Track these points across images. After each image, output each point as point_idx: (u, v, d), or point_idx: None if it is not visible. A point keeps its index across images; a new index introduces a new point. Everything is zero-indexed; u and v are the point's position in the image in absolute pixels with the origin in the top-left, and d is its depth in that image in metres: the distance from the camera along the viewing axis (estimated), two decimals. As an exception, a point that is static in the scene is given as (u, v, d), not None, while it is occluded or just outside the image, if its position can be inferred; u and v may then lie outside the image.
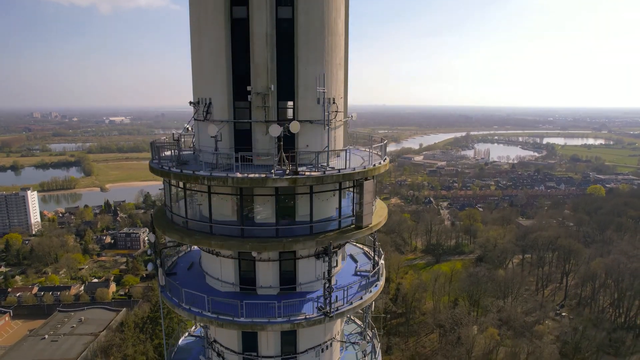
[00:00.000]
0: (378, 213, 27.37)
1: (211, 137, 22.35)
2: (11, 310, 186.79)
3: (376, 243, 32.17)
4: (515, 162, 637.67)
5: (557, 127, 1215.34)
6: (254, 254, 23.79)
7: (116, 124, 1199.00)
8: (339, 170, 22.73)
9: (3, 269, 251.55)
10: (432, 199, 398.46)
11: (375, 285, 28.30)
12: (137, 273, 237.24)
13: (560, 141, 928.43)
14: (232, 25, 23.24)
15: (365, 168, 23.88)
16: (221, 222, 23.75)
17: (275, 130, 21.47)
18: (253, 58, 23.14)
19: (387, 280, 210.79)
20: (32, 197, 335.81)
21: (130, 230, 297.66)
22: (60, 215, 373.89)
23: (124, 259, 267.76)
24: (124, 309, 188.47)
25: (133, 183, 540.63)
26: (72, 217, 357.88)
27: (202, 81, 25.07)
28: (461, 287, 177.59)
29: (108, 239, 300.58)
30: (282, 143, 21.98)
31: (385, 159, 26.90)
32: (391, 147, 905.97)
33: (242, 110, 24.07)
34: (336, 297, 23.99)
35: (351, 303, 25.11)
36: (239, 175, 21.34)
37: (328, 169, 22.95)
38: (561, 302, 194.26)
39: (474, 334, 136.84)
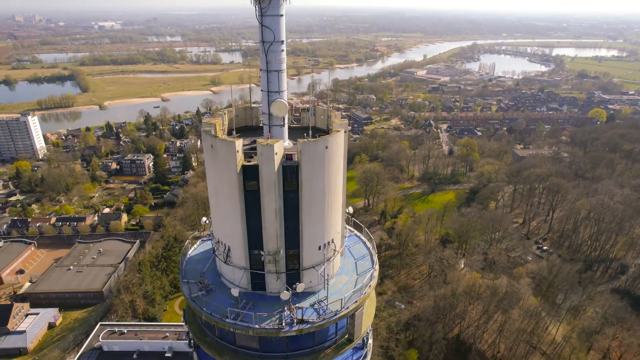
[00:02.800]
0: (367, 312, 33.52)
1: (234, 295, 27.77)
2: (35, 241, 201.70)
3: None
4: (520, 77, 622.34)
5: (570, 35, 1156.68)
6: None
7: (106, 29, 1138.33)
8: (333, 315, 28.48)
9: (18, 196, 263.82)
10: (432, 121, 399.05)
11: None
12: (146, 202, 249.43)
13: (570, 52, 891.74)
14: (246, 196, 27.08)
15: (356, 302, 29.60)
16: (247, 347, 30.14)
17: (285, 295, 26.77)
18: (265, 227, 27.39)
19: (383, 213, 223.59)
20: (34, 122, 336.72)
21: (135, 157, 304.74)
22: (63, 138, 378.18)
23: (132, 186, 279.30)
24: (137, 240, 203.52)
25: (131, 100, 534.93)
26: (76, 141, 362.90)
27: (221, 232, 29.47)
28: (452, 226, 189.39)
29: (114, 165, 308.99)
30: (290, 301, 27.46)
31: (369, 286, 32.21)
32: (394, 59, 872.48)
33: (256, 256, 28.97)
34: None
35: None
36: (257, 326, 27.20)
37: (328, 311, 28.64)
38: (545, 235, 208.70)
39: (458, 277, 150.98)
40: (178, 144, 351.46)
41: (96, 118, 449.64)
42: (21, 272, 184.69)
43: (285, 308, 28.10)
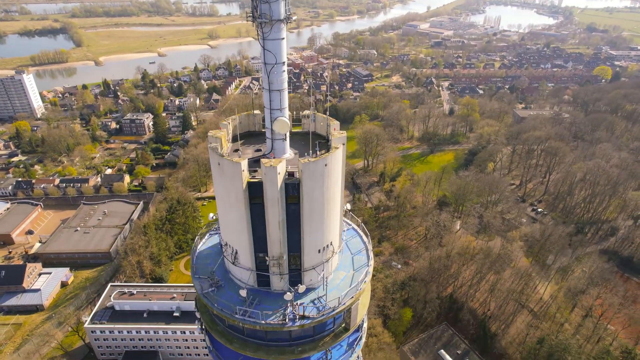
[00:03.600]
0: (363, 302, 36.81)
1: (242, 295, 30.82)
2: (41, 203, 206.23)
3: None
4: (526, 31, 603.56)
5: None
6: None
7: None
8: (332, 310, 31.67)
9: (20, 157, 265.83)
10: (433, 79, 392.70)
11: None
12: (147, 163, 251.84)
13: (581, 3, 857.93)
14: (251, 208, 29.38)
15: (352, 298, 32.79)
16: (254, 336, 33.52)
17: (288, 296, 29.78)
18: (269, 235, 29.86)
19: (382, 175, 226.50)
20: (29, 80, 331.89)
21: (134, 117, 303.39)
22: (60, 96, 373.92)
23: (132, 146, 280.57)
24: (141, 202, 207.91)
25: (127, 55, 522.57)
26: (73, 99, 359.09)
27: (229, 236, 32.01)
28: (449, 189, 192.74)
29: (113, 125, 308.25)
30: (292, 300, 30.57)
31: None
32: (396, 10, 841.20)
33: (261, 259, 31.77)
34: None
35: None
36: (263, 322, 30.46)
37: (328, 308, 31.81)
38: (540, 197, 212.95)
39: (454, 239, 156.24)
40: (177, 102, 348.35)
41: (92, 74, 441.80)
42: (30, 232, 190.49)
43: (288, 305, 31.25)
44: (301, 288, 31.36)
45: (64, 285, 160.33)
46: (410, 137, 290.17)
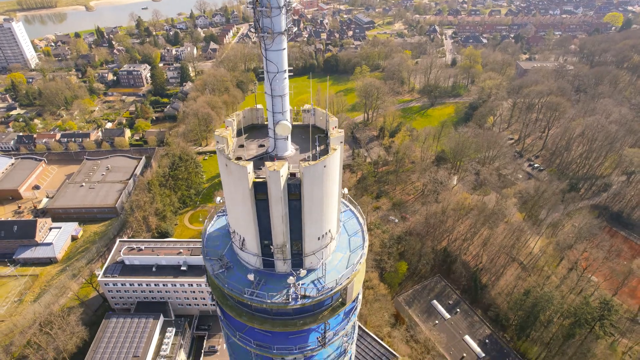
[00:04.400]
0: (358, 278, 40.60)
1: (250, 279, 34.40)
2: (45, 158, 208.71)
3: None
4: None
5: None
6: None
7: None
8: (330, 289, 35.44)
9: (19, 110, 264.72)
10: (436, 26, 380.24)
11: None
12: (147, 116, 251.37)
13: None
14: (257, 203, 32.12)
15: (348, 278, 36.52)
16: (260, 311, 37.52)
17: (291, 280, 33.41)
18: (273, 227, 32.78)
19: (382, 129, 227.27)
20: (19, 29, 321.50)
21: (131, 68, 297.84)
22: (53, 45, 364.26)
23: (131, 99, 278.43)
24: (143, 156, 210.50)
25: (119, 0, 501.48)
26: (67, 48, 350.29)
27: (236, 225, 34.96)
28: (448, 144, 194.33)
29: (110, 76, 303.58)
30: (296, 282, 34.25)
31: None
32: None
33: (266, 246, 35.06)
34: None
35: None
36: (269, 301, 34.33)
37: (326, 288, 35.54)
38: (538, 152, 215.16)
39: (450, 196, 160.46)
40: (174, 51, 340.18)
41: (83, 21, 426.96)
42: (37, 187, 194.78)
43: (291, 286, 34.98)
44: (302, 273, 34.98)
45: (74, 239, 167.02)
46: (411, 90, 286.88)
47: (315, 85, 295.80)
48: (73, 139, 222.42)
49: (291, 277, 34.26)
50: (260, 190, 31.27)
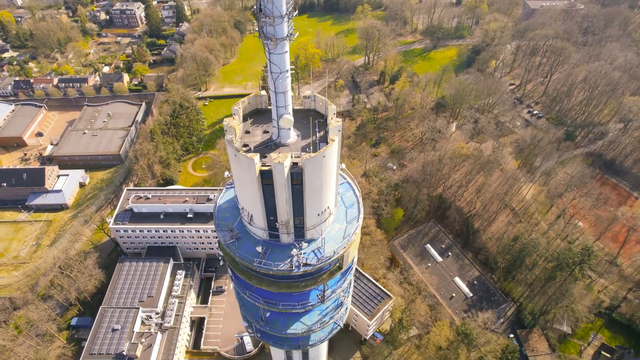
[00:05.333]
0: (353, 244, 45.43)
1: (258, 250, 39.07)
2: (45, 104, 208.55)
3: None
4: None
5: None
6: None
7: None
8: (328, 258, 40.32)
9: (11, 52, 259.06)
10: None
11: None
12: (144, 60, 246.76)
13: None
14: (264, 188, 35.87)
15: (344, 248, 41.37)
16: (267, 275, 42.64)
17: (294, 252, 38.10)
18: (278, 207, 36.71)
19: (382, 74, 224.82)
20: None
21: (125, 7, 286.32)
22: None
23: (127, 40, 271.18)
24: (143, 102, 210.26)
25: None
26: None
27: (246, 202, 38.92)
28: (449, 92, 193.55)
29: (103, 16, 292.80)
30: (298, 253, 39.02)
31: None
32: None
33: (272, 221, 39.36)
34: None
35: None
36: (275, 269, 39.34)
37: (325, 256, 40.38)
38: (538, 98, 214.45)
39: (447, 144, 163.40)
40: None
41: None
42: (40, 134, 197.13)
43: (294, 256, 39.83)
44: (304, 246, 39.66)
45: (82, 185, 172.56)
46: (413, 31, 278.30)
47: (315, 25, 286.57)
48: (71, 84, 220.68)
49: (295, 250, 39.00)
50: (266, 176, 34.92)
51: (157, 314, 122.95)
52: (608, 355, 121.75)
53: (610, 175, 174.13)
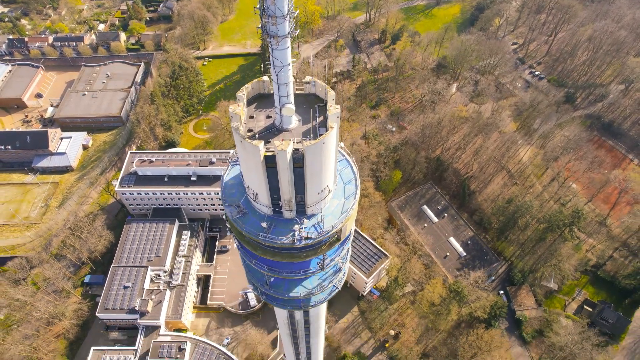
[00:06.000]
0: (351, 218, 49.01)
1: (263, 226, 42.59)
2: (42, 65, 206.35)
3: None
4: None
5: None
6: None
7: None
8: (327, 232, 43.96)
9: (2, 7, 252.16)
10: None
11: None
12: (140, 17, 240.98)
13: None
14: (268, 170, 38.80)
15: (342, 222, 44.96)
16: (272, 246, 46.44)
17: (297, 228, 41.73)
18: (281, 188, 39.85)
19: (384, 32, 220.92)
20: None
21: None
22: None
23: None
24: (142, 62, 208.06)
25: None
26: None
27: (251, 182, 41.92)
28: (450, 53, 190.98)
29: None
30: (301, 227, 42.60)
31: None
32: None
33: (276, 199, 42.66)
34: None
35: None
36: (279, 242, 43.10)
37: (324, 230, 44.01)
38: (541, 58, 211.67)
39: (446, 107, 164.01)
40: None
41: None
42: (39, 96, 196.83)
43: (296, 230, 43.47)
44: (305, 220, 43.13)
45: (85, 148, 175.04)
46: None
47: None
48: (67, 44, 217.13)
49: (297, 225, 42.58)
50: (270, 161, 37.80)
51: (165, 272, 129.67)
52: (590, 309, 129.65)
53: (607, 137, 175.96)
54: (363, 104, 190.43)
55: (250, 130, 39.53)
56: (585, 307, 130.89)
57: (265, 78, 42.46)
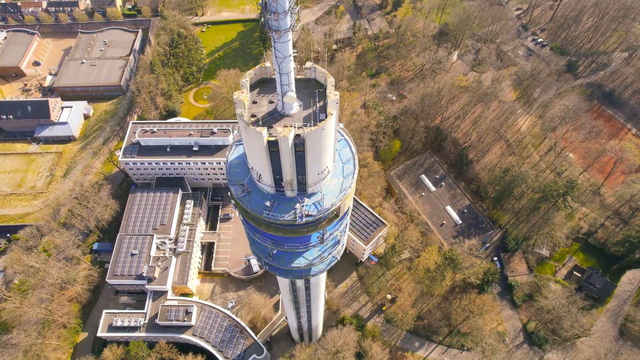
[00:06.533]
0: (349, 196, 51.72)
1: (267, 204, 45.33)
2: (37, 31, 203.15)
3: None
4: None
5: None
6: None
7: None
8: (327, 209, 46.80)
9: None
10: None
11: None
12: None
13: None
14: (271, 154, 41.06)
15: (341, 200, 47.77)
16: (275, 222, 49.33)
17: (298, 207, 44.47)
18: (283, 170, 42.18)
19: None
20: None
21: None
22: None
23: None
24: (140, 29, 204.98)
25: None
26: None
27: (255, 164, 44.17)
28: (452, 20, 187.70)
29: None
30: (302, 205, 45.40)
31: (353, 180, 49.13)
32: None
33: (278, 179, 45.19)
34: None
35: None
36: (281, 219, 46.05)
37: (324, 208, 46.80)
38: (544, 25, 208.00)
39: (446, 76, 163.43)
40: None
41: None
42: (37, 63, 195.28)
43: (298, 207, 46.32)
44: (306, 199, 45.89)
45: (86, 117, 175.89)
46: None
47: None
48: (61, 8, 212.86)
49: (298, 204, 45.43)
50: (273, 145, 40.13)
51: (170, 239, 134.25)
52: (579, 275, 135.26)
53: (607, 106, 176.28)
54: (363, 72, 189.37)
55: (253, 116, 41.65)
56: (574, 272, 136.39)
57: (267, 64, 44.09)
